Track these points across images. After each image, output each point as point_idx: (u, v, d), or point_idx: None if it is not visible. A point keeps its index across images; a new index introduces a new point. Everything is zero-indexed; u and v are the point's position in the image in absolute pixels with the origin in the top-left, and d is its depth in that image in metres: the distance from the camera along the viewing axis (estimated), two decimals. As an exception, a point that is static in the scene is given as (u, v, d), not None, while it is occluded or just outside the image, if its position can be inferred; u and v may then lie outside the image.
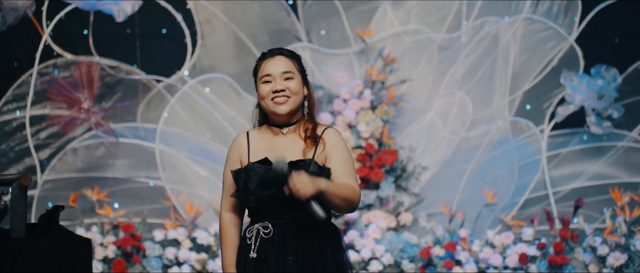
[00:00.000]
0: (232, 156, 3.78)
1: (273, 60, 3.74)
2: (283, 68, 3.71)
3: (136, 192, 7.27)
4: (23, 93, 7.23)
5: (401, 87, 7.39)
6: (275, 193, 3.56)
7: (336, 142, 3.72)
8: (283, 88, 3.68)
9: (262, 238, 3.63)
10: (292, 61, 3.76)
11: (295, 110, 3.73)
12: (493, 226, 7.18)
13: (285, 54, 3.77)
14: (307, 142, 3.70)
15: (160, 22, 7.46)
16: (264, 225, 3.65)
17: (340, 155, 3.70)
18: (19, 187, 2.80)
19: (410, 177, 7.33)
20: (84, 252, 2.71)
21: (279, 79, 3.69)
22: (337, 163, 3.67)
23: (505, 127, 7.31)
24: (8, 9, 7.13)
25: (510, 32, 7.33)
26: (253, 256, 3.62)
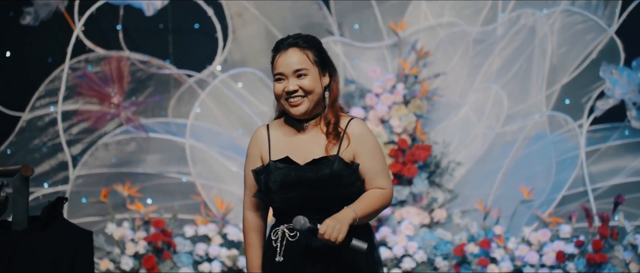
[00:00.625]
0: (253, 152, 3.60)
1: (285, 54, 3.52)
2: (295, 65, 3.48)
3: (167, 187, 7.23)
4: (55, 88, 7.24)
5: (435, 81, 7.26)
6: (299, 195, 3.42)
7: (362, 135, 3.51)
8: (296, 88, 3.48)
9: (288, 241, 3.47)
10: (307, 53, 3.52)
11: (315, 106, 3.53)
12: (529, 223, 7.01)
13: (299, 45, 3.53)
14: (330, 137, 3.50)
15: (193, 17, 7.42)
16: (289, 227, 3.47)
17: (369, 151, 3.49)
18: (21, 178, 2.74)
19: (444, 172, 7.19)
20: (85, 245, 2.65)
21: (291, 78, 3.48)
22: (367, 163, 3.48)
23: (542, 121, 7.13)
24: (40, 4, 7.15)
25: (548, 24, 7.15)
26: (280, 260, 3.47)
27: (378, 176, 3.50)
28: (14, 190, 2.78)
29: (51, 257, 2.63)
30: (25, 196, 2.74)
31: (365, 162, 3.47)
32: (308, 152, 3.49)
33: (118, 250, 6.97)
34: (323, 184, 3.42)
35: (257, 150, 3.59)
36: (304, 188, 3.41)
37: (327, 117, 3.54)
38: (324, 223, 3.32)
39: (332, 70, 3.59)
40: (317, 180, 3.42)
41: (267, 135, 3.59)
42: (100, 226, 7.12)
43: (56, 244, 2.64)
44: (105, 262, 6.96)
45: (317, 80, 3.50)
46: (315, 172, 3.43)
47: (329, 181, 3.42)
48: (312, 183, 3.41)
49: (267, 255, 3.54)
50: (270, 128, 3.61)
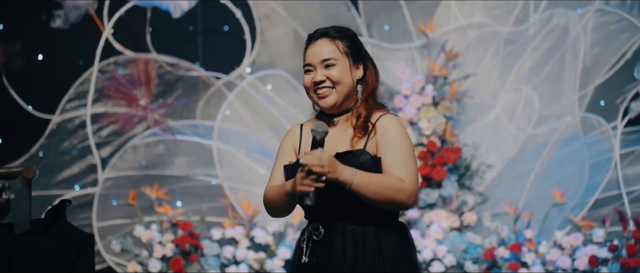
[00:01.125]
0: (286, 147, 3.48)
1: (315, 45, 3.39)
2: (323, 55, 3.34)
3: (195, 190, 7.22)
4: (85, 91, 7.27)
5: (465, 83, 7.16)
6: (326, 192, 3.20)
7: (388, 127, 3.31)
8: (323, 78, 3.34)
9: (313, 241, 3.35)
10: (337, 43, 3.37)
11: (345, 99, 3.37)
12: (562, 227, 6.88)
13: (330, 35, 3.38)
14: (357, 131, 3.32)
15: (222, 19, 7.41)
16: (314, 226, 3.36)
17: (390, 142, 3.28)
18: (23, 180, 2.72)
19: (475, 175, 7.09)
20: (86, 249, 2.62)
21: (319, 68, 3.36)
22: (386, 154, 3.26)
23: (575, 123, 6.99)
24: (70, 7, 7.19)
25: (581, 24, 7.02)
26: (305, 260, 3.34)
27: (396, 167, 3.25)
28: (16, 193, 2.76)
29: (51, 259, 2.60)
30: (28, 198, 2.72)
31: (384, 153, 3.28)
32: (335, 148, 3.33)
33: (146, 253, 6.97)
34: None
35: (290, 145, 3.49)
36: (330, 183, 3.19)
37: (359, 111, 3.38)
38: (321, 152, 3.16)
39: (367, 62, 3.45)
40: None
41: (300, 132, 3.49)
42: (129, 228, 7.13)
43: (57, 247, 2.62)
44: (132, 264, 6.96)
45: (347, 71, 3.36)
46: None
47: None
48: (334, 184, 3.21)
49: (295, 256, 3.44)
50: (303, 126, 3.51)
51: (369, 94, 3.44)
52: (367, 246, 3.29)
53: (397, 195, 3.20)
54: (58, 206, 2.77)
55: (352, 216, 3.30)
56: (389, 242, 3.32)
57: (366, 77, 3.44)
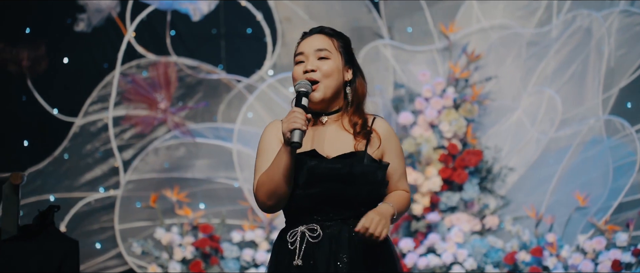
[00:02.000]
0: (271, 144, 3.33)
1: (310, 38, 3.38)
2: (317, 45, 3.34)
3: (215, 193, 7.24)
4: (108, 93, 7.32)
5: (487, 85, 7.10)
6: (323, 190, 3.21)
7: (390, 134, 3.38)
8: (314, 68, 3.30)
9: (308, 242, 3.23)
10: (332, 39, 3.37)
11: (332, 97, 3.34)
12: (584, 231, 6.78)
13: (325, 32, 3.39)
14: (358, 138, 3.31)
15: (244, 22, 7.42)
16: (310, 227, 3.25)
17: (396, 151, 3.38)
18: (10, 186, 2.74)
19: (496, 178, 7.02)
20: (71, 254, 2.62)
21: (312, 57, 3.32)
22: (395, 163, 3.37)
23: (598, 126, 6.89)
24: (93, 11, 7.24)
25: (605, 25, 6.92)
26: (298, 263, 3.22)
27: (403, 178, 3.42)
28: (4, 198, 2.77)
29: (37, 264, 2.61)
30: (16, 204, 2.73)
31: (394, 162, 3.36)
32: (333, 147, 3.30)
33: (166, 255, 7.00)
34: (354, 179, 3.23)
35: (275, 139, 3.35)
36: (331, 182, 3.21)
37: (353, 119, 3.35)
38: (367, 215, 3.16)
39: (357, 70, 3.43)
40: (348, 174, 3.23)
41: None
42: (150, 231, 7.17)
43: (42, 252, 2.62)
44: (153, 266, 7.00)
45: (339, 69, 3.34)
46: (348, 167, 3.23)
47: (361, 177, 3.24)
48: (342, 178, 3.22)
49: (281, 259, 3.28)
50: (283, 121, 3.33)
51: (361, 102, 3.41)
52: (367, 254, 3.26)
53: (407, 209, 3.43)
54: (46, 212, 2.77)
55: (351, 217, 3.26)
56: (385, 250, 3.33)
57: (356, 84, 3.41)
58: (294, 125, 3.15)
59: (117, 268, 7.19)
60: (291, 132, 3.15)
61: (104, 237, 7.23)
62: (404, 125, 7.08)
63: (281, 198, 3.27)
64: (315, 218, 3.26)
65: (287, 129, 3.16)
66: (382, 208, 3.22)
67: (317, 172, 3.23)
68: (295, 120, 3.15)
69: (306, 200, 3.25)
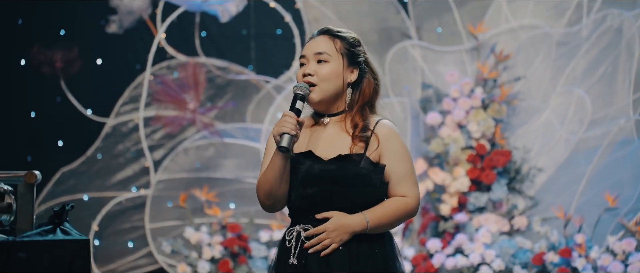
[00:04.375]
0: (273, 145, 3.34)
1: (313, 40, 3.41)
2: (317, 48, 3.34)
3: (244, 192, 7.30)
4: (138, 94, 7.41)
5: (515, 85, 7.07)
6: (319, 191, 3.25)
7: (390, 136, 3.33)
8: (312, 72, 3.31)
9: (303, 242, 3.27)
10: (335, 41, 3.35)
11: (331, 99, 3.34)
12: (614, 232, 6.72)
13: (330, 34, 3.38)
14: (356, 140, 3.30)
15: (274, 22, 7.47)
16: (305, 227, 3.29)
17: (396, 152, 3.32)
18: (26, 185, 2.80)
19: (525, 179, 6.99)
20: (81, 252, 2.68)
21: (312, 61, 3.34)
22: (393, 165, 3.31)
23: (629, 126, 6.82)
24: (124, 13, 7.34)
25: (636, 25, 6.85)
26: (293, 262, 3.27)
27: (403, 181, 3.33)
28: (19, 197, 2.84)
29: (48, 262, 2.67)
30: (31, 202, 2.80)
31: (391, 164, 3.31)
32: (330, 148, 3.31)
33: (195, 254, 7.07)
34: (348, 182, 3.26)
35: None
36: (325, 184, 3.24)
37: (354, 121, 3.35)
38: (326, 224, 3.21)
39: (364, 71, 3.40)
40: (342, 177, 3.26)
41: None
42: (179, 230, 7.25)
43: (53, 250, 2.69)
44: (182, 265, 7.07)
45: (339, 72, 3.32)
46: (342, 169, 3.26)
47: (356, 179, 3.26)
48: (336, 180, 3.25)
49: (280, 257, 3.36)
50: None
51: (365, 103, 3.40)
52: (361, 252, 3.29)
53: (406, 216, 3.34)
54: (60, 211, 2.84)
55: None
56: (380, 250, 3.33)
57: (361, 85, 3.40)
58: (283, 129, 3.20)
59: (148, 267, 7.28)
60: (280, 136, 3.20)
61: (135, 236, 7.32)
62: (432, 125, 7.08)
63: (278, 199, 3.38)
64: (311, 218, 3.29)
65: (277, 132, 3.21)
66: (347, 220, 3.24)
67: (311, 174, 3.28)
68: (285, 124, 3.21)
69: (301, 201, 3.31)
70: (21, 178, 2.81)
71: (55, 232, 2.75)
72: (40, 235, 2.69)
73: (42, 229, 2.74)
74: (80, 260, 2.65)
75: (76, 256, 2.64)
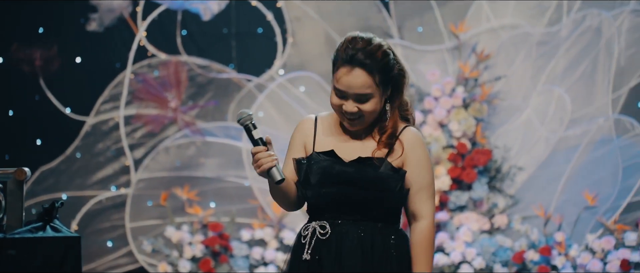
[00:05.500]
0: (296, 141, 3.43)
1: (350, 74, 3.22)
2: (358, 89, 3.21)
3: (225, 191, 7.28)
4: (118, 93, 7.38)
5: (496, 84, 7.11)
6: (337, 191, 3.26)
7: (415, 144, 3.30)
8: (354, 110, 3.24)
9: (317, 238, 3.28)
10: (374, 76, 3.20)
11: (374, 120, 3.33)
12: (593, 230, 6.78)
13: (367, 69, 3.20)
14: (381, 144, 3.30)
15: (255, 21, 7.46)
16: (321, 224, 3.30)
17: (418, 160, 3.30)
18: (15, 182, 2.79)
19: (505, 177, 7.03)
20: (72, 249, 2.67)
21: (352, 99, 3.24)
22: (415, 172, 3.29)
23: (608, 125, 6.89)
24: (105, 11, 7.30)
25: (615, 25, 6.91)
26: (306, 257, 3.27)
27: (422, 191, 3.31)
28: (8, 194, 2.82)
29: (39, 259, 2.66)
30: (20, 200, 2.78)
31: (413, 172, 3.29)
32: (354, 150, 3.31)
33: (176, 253, 7.05)
34: (365, 185, 3.25)
35: (301, 139, 3.43)
36: (343, 185, 3.24)
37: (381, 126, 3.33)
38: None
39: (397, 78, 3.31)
40: (359, 179, 3.25)
41: (314, 127, 3.41)
42: (160, 229, 7.22)
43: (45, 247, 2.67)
44: (163, 264, 7.05)
45: (379, 101, 3.27)
46: (360, 171, 3.26)
47: (373, 183, 3.25)
48: (353, 181, 3.24)
49: (295, 253, 3.36)
50: (317, 120, 3.43)
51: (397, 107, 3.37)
52: (375, 253, 3.29)
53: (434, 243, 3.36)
54: (49, 208, 2.82)
55: (362, 220, 3.30)
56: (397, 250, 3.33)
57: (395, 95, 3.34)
58: (264, 167, 3.21)
59: (128, 266, 7.25)
60: (267, 174, 3.21)
61: (115, 235, 7.29)
62: (414, 124, 7.10)
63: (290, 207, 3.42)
64: (326, 216, 3.31)
65: (261, 172, 3.21)
66: None
67: (330, 173, 3.26)
68: (262, 162, 3.21)
69: (318, 199, 3.29)
70: (10, 176, 2.79)
71: (45, 229, 2.73)
72: (30, 232, 2.67)
73: (32, 226, 2.72)
74: (71, 257, 2.64)
75: (67, 253, 2.63)
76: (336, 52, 3.32)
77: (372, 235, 3.29)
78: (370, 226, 3.30)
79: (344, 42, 3.31)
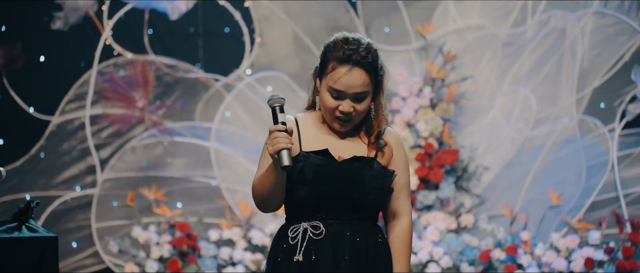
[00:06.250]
0: None
1: (351, 74, 3.22)
2: (358, 88, 3.22)
3: (193, 191, 7.26)
4: (84, 92, 7.31)
5: (462, 85, 7.17)
6: (331, 189, 3.23)
7: (399, 145, 3.38)
8: (350, 110, 3.24)
9: (310, 239, 3.23)
10: (370, 76, 3.25)
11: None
12: (558, 229, 6.87)
13: (365, 67, 3.24)
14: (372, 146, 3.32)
15: (223, 21, 7.44)
16: (313, 224, 3.24)
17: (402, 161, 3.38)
18: (-11, 182, 2.75)
19: (472, 177, 7.09)
20: (50, 249, 2.64)
21: (349, 99, 3.23)
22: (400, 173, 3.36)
23: (572, 125, 6.98)
24: (70, 9, 7.23)
25: (579, 26, 7.01)
26: (299, 259, 3.22)
27: (403, 191, 3.37)
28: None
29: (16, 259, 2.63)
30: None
31: (398, 170, 3.35)
32: (345, 150, 3.31)
33: (143, 254, 7.01)
34: (362, 183, 3.25)
35: None
36: (339, 183, 3.22)
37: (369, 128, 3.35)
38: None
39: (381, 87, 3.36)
40: (359, 176, 3.25)
41: (297, 127, 3.35)
42: (127, 230, 7.17)
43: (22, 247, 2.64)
44: (130, 265, 7.00)
45: (370, 100, 3.31)
46: (358, 171, 3.26)
47: (370, 181, 3.26)
48: (350, 180, 3.24)
49: (282, 255, 3.28)
50: (298, 120, 3.37)
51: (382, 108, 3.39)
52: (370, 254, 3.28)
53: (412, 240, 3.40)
54: (25, 208, 2.79)
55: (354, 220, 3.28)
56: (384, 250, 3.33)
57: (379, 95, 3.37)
58: (279, 145, 3.10)
59: (94, 267, 7.19)
60: (278, 154, 3.10)
61: (80, 236, 7.22)
62: (381, 124, 7.13)
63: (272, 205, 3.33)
64: (318, 216, 3.27)
65: (273, 151, 3.11)
66: None
67: (326, 171, 3.24)
68: (279, 140, 3.10)
69: (311, 198, 3.24)
70: (-14, 176, 2.76)
71: (21, 229, 2.70)
72: (5, 232, 2.64)
73: (7, 227, 2.69)
74: (48, 257, 2.61)
75: (44, 254, 2.60)
76: (327, 53, 3.30)
77: (366, 235, 3.29)
78: (361, 226, 3.30)
79: (336, 42, 3.30)
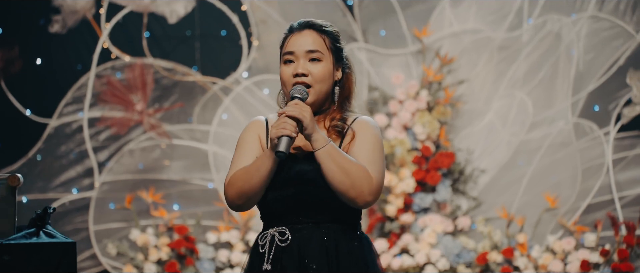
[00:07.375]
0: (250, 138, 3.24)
1: (300, 34, 3.18)
2: (309, 46, 3.14)
3: (191, 194, 7.28)
4: (82, 95, 7.32)
5: (459, 88, 7.22)
6: (296, 192, 3.09)
7: (364, 126, 3.15)
8: (305, 72, 3.12)
9: (277, 246, 3.10)
10: (324, 37, 3.17)
11: (322, 100, 3.18)
12: (554, 232, 6.93)
13: (316, 28, 3.19)
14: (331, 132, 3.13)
15: (220, 24, 7.46)
16: (280, 230, 3.11)
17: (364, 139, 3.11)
18: (7, 188, 2.77)
19: (468, 180, 7.14)
20: (67, 255, 2.66)
21: (302, 59, 3.14)
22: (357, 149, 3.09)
23: (568, 129, 7.04)
24: (68, 12, 7.24)
25: (574, 30, 7.07)
26: (267, 268, 3.08)
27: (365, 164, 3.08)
28: (1, 200, 2.81)
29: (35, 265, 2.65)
30: (13, 205, 2.77)
31: (358, 147, 3.10)
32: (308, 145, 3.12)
33: (141, 256, 7.03)
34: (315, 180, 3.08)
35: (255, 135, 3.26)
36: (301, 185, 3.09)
37: (333, 114, 3.19)
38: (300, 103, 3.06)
39: (346, 66, 3.23)
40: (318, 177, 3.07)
41: (266, 127, 3.28)
42: (125, 232, 7.19)
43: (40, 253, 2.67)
44: (128, 267, 7.02)
45: (330, 71, 3.16)
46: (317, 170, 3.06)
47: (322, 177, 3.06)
48: (311, 180, 3.08)
49: (253, 263, 3.17)
50: (268, 121, 3.30)
51: (345, 98, 3.26)
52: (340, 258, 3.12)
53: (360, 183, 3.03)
54: (42, 214, 2.81)
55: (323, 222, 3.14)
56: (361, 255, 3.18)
57: (344, 81, 3.25)
58: (283, 131, 3.02)
59: (92, 269, 7.20)
60: (278, 139, 3.03)
61: (78, 238, 7.22)
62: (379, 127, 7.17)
63: (252, 200, 3.17)
64: (286, 221, 3.14)
65: (275, 135, 3.04)
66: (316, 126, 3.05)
67: (288, 174, 3.12)
68: (285, 126, 3.02)
69: (277, 203, 3.14)
70: (4, 181, 2.78)
71: (39, 234, 2.72)
72: (24, 238, 2.66)
73: (26, 232, 2.71)
74: (66, 262, 2.63)
75: (63, 259, 2.63)
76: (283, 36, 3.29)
77: (336, 239, 3.13)
78: (332, 229, 3.14)
79: None
